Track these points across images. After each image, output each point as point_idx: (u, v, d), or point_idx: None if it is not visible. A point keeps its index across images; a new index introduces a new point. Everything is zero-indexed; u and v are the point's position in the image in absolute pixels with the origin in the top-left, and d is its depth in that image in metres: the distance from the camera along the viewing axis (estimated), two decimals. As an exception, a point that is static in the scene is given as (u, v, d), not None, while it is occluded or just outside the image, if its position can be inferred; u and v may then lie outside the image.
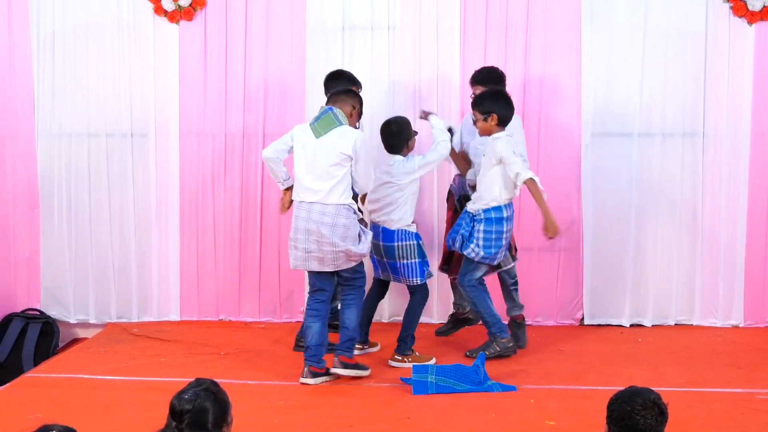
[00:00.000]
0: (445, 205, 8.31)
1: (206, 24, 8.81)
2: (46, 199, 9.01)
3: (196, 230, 8.95)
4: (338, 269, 7.09)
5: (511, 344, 7.61)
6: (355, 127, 7.25)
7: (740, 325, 8.75)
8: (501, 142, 7.35)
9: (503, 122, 7.44)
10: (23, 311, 8.97)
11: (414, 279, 7.50)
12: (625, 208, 8.71)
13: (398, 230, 7.47)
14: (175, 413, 4.03)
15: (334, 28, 8.75)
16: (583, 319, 8.82)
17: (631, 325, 8.76)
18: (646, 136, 8.66)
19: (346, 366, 7.13)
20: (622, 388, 4.14)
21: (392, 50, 8.74)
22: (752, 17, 8.49)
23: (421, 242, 7.55)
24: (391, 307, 8.81)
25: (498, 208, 7.42)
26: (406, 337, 7.61)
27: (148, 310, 9.00)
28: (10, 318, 8.89)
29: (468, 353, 7.58)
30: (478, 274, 7.56)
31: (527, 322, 8.22)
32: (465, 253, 7.47)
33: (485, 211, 7.42)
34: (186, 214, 8.94)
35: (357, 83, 7.78)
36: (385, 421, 6.35)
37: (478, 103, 7.51)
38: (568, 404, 6.64)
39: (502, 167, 7.34)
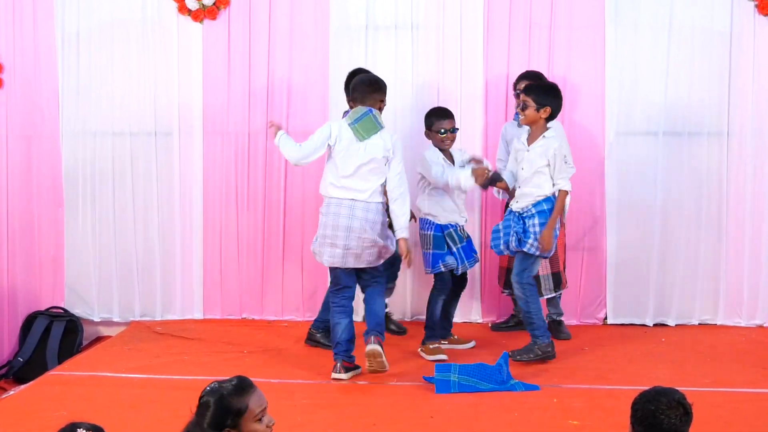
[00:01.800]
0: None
1: (230, 23, 8.83)
2: (70, 197, 9.05)
3: (219, 229, 8.98)
4: (370, 265, 7.18)
5: (551, 349, 7.56)
6: None
7: (765, 325, 8.72)
8: (556, 143, 7.32)
9: (552, 118, 7.41)
10: (47, 309, 9.03)
11: (426, 269, 7.80)
12: (649, 207, 8.69)
13: (421, 219, 7.82)
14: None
15: (357, 27, 8.77)
16: (606, 318, 8.80)
17: (655, 325, 8.73)
18: (671, 135, 8.64)
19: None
20: (646, 388, 4.12)
21: (416, 49, 8.74)
22: (777, 16, 8.48)
23: (441, 234, 7.66)
24: (413, 306, 8.82)
25: (548, 199, 7.36)
26: (428, 327, 7.84)
27: (171, 309, 9.03)
28: (34, 316, 8.94)
29: (510, 354, 7.50)
30: (535, 269, 7.55)
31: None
32: (525, 249, 7.38)
33: (535, 204, 7.36)
34: (209, 213, 8.96)
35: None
36: (409, 420, 6.35)
37: (535, 91, 7.41)
38: (592, 404, 6.62)
39: (545, 166, 7.35)
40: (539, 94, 7.35)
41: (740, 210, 8.64)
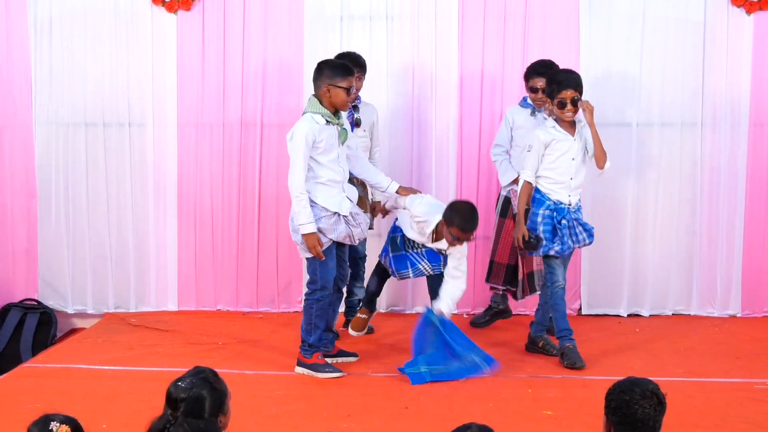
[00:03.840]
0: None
1: (204, 13, 8.80)
2: (43, 188, 9.00)
3: (194, 220, 8.95)
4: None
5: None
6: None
7: (738, 315, 8.78)
8: (587, 128, 7.28)
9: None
10: (21, 301, 8.98)
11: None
12: (623, 198, 8.72)
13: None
14: (170, 401, 4.04)
15: (332, 17, 8.75)
16: (580, 309, 8.84)
17: (629, 315, 8.78)
18: (645, 126, 8.68)
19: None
20: (620, 378, 4.15)
21: (390, 39, 8.74)
22: (751, 7, 8.50)
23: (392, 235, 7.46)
24: (389, 299, 8.84)
25: None
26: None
27: (145, 300, 9.01)
28: (8, 308, 8.89)
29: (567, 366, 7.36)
30: None
31: (528, 313, 8.47)
32: (592, 241, 7.41)
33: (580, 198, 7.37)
34: (184, 204, 8.94)
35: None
36: (384, 410, 6.37)
37: (582, 86, 7.25)
38: (566, 394, 6.66)
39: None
40: (581, 88, 7.22)
41: (713, 201, 8.69)
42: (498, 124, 8.52)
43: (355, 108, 7.80)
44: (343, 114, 7.08)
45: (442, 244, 7.13)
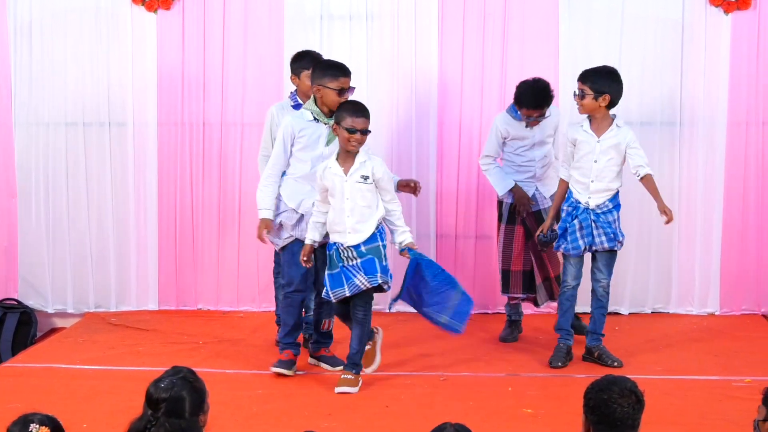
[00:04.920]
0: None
1: (184, 13, 8.78)
2: (23, 188, 8.98)
3: (174, 219, 8.94)
4: None
5: None
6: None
7: (716, 313, 8.80)
8: (630, 133, 7.15)
9: (612, 105, 7.11)
10: (1, 301, 8.96)
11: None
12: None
13: None
14: (151, 401, 4.03)
15: (312, 16, 8.75)
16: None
17: (608, 314, 8.78)
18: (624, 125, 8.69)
19: None
20: (598, 377, 4.16)
21: (370, 39, 8.74)
22: (729, 7, 8.53)
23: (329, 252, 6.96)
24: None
25: (617, 193, 7.23)
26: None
27: (126, 300, 8.98)
28: (-13, 308, 8.90)
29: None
30: None
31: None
32: (614, 247, 7.19)
33: (612, 199, 7.17)
34: (164, 204, 8.92)
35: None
36: (365, 409, 6.39)
37: (591, 78, 7.07)
38: (546, 392, 6.70)
39: (620, 156, 7.15)
40: (596, 81, 7.04)
41: (692, 200, 8.71)
42: (478, 123, 8.57)
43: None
44: None
45: (364, 169, 6.73)
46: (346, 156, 6.70)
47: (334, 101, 6.87)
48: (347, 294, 6.71)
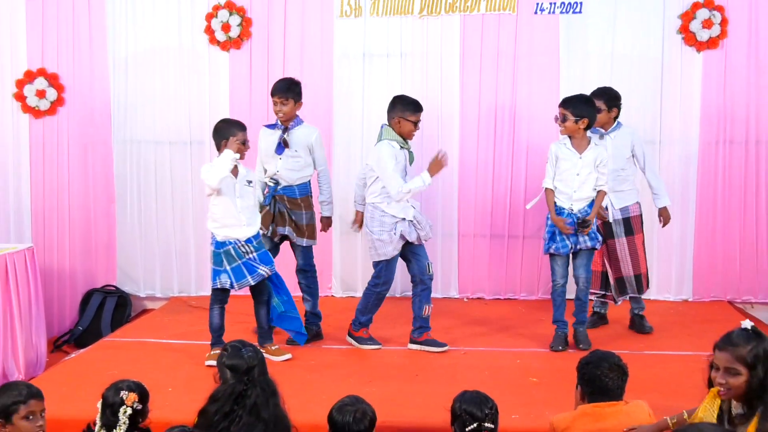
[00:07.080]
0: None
1: (252, 51, 8.83)
2: (120, 195, 9.06)
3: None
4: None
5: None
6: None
7: (689, 300, 8.75)
8: (605, 152, 7.08)
9: (589, 128, 6.97)
10: (102, 287, 9.03)
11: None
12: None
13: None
14: (246, 369, 4.07)
15: (356, 55, 8.76)
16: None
17: (600, 300, 8.76)
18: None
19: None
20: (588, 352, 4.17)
21: (403, 74, 8.73)
22: (700, 46, 8.47)
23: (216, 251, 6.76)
24: (403, 284, 8.80)
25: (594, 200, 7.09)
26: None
27: (204, 287, 8.99)
28: (91, 293, 8.95)
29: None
30: None
31: (517, 297, 8.63)
32: (595, 246, 7.04)
33: (590, 205, 7.00)
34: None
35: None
36: (398, 377, 6.41)
37: (572, 104, 6.94)
38: (549, 364, 6.68)
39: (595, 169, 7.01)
40: (576, 107, 6.91)
41: (670, 200, 8.61)
42: (491, 144, 8.64)
43: (285, 130, 7.31)
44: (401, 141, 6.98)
45: None
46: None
47: (411, 131, 6.97)
48: (251, 284, 6.79)
